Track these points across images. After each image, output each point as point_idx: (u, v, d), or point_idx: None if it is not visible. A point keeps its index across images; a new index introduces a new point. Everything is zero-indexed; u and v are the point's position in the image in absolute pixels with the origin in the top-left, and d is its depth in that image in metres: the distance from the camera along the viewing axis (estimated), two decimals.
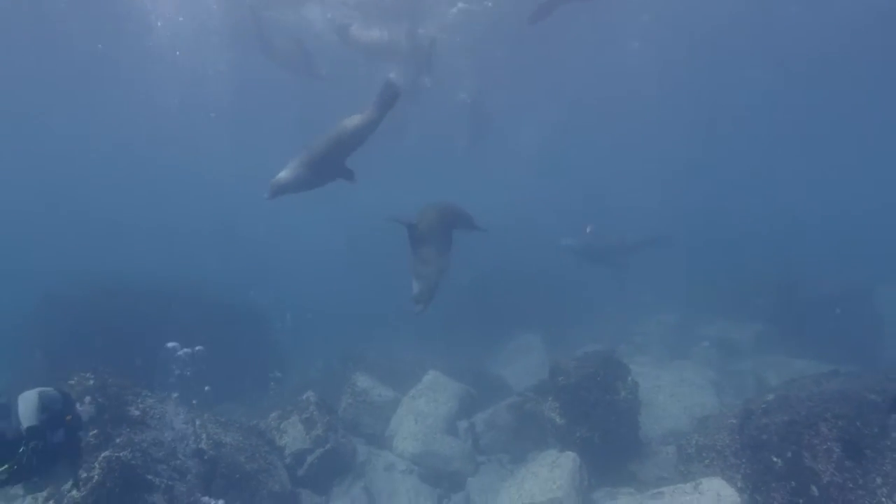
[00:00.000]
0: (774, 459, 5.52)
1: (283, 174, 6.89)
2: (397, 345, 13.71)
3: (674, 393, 10.04)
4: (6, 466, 3.43)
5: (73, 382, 6.45)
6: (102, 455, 5.40)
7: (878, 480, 5.05)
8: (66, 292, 10.53)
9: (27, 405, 3.67)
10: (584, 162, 30.07)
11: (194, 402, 7.40)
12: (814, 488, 5.14)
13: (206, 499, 5.54)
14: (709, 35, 17.15)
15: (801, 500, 5.23)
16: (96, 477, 5.20)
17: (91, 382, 6.22)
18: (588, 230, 14.46)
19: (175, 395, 6.96)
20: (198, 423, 7.11)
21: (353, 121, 6.94)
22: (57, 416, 3.77)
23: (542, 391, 8.92)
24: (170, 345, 8.32)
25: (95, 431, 5.61)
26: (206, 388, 8.50)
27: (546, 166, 28.77)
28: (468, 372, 11.59)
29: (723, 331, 13.67)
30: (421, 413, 9.50)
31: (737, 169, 31.72)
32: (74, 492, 5.12)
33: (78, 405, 4.42)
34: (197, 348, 7.39)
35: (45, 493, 5.19)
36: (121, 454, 5.43)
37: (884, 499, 4.94)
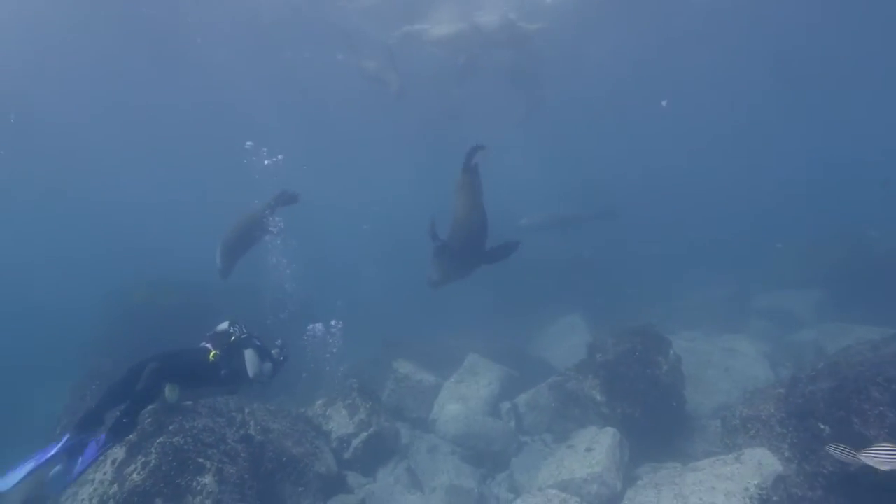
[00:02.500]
0: (822, 427, 5.25)
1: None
2: (439, 331, 13.84)
3: (725, 367, 9.69)
4: None
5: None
6: (157, 441, 5.83)
7: None
8: (126, 291, 11.36)
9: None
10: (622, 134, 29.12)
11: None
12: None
13: None
14: None
15: (852, 468, 4.94)
16: (153, 461, 5.63)
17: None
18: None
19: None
20: (247, 411, 7.50)
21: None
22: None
23: (582, 369, 8.81)
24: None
25: (150, 420, 6.04)
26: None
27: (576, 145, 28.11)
28: (510, 354, 11.60)
29: (778, 301, 13.02)
30: (463, 396, 9.62)
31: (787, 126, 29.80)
32: (135, 475, 5.56)
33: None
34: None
35: (110, 477, 5.65)
36: (174, 440, 5.83)
37: None
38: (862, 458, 4.26)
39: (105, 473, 5.73)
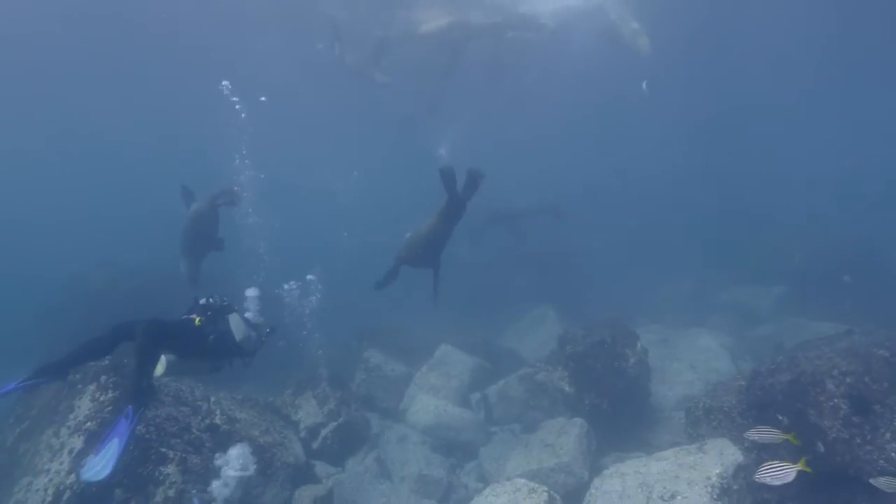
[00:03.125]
0: (780, 418, 5.44)
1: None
2: (410, 323, 13.81)
3: (688, 360, 9.94)
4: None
5: (91, 363, 6.74)
6: None
7: (888, 436, 4.93)
8: (85, 277, 10.96)
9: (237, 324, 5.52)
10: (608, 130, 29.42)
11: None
12: (819, 444, 5.06)
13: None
14: None
15: (806, 457, 5.14)
16: None
17: (106, 363, 6.47)
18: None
19: None
20: (212, 399, 7.34)
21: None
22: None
23: (552, 361, 8.93)
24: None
25: (110, 408, 5.85)
26: None
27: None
28: (481, 346, 11.64)
29: (741, 296, 13.44)
30: (433, 386, 9.63)
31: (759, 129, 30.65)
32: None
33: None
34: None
35: (66, 467, 5.44)
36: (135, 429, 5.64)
37: (893, 453, 4.83)
38: (756, 477, 4.51)
39: (62, 463, 5.53)
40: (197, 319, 5.33)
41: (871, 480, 4.57)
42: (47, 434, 6.12)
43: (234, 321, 5.51)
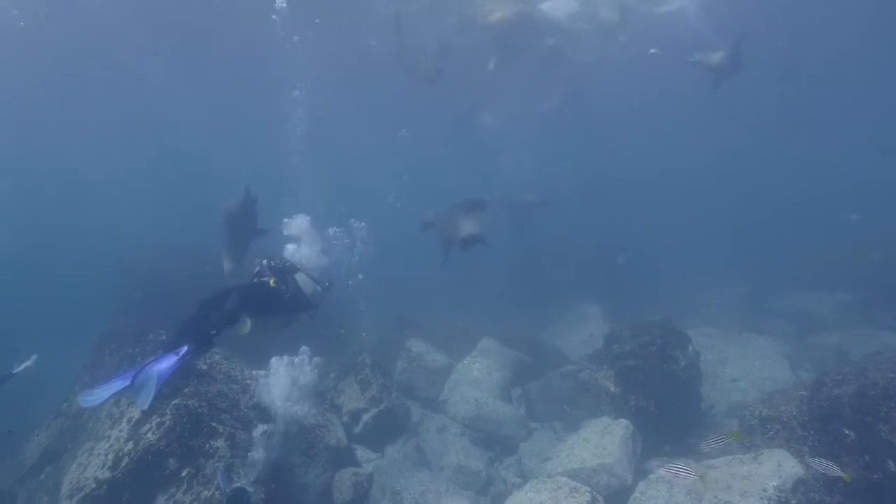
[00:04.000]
0: (846, 432, 5.11)
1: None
2: (454, 314, 13.80)
3: (742, 366, 9.51)
4: None
5: (150, 337, 7.07)
6: (172, 403, 5.88)
7: None
8: (137, 258, 11.50)
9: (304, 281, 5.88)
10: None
11: None
12: (891, 463, 4.71)
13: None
14: None
15: (876, 476, 4.82)
16: (167, 422, 5.68)
17: (163, 338, 6.75)
18: None
19: None
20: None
21: None
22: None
23: (597, 360, 8.71)
24: None
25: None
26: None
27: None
28: (523, 341, 11.51)
29: (800, 302, 12.71)
30: (475, 379, 9.59)
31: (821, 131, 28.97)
32: (150, 434, 5.63)
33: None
34: None
35: (125, 434, 5.72)
36: (188, 402, 5.88)
37: None
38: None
39: (121, 430, 5.82)
40: (271, 281, 5.65)
41: None
42: (108, 403, 6.43)
43: (301, 279, 5.93)
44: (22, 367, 6.46)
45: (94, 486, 5.39)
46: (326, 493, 6.82)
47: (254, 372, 6.54)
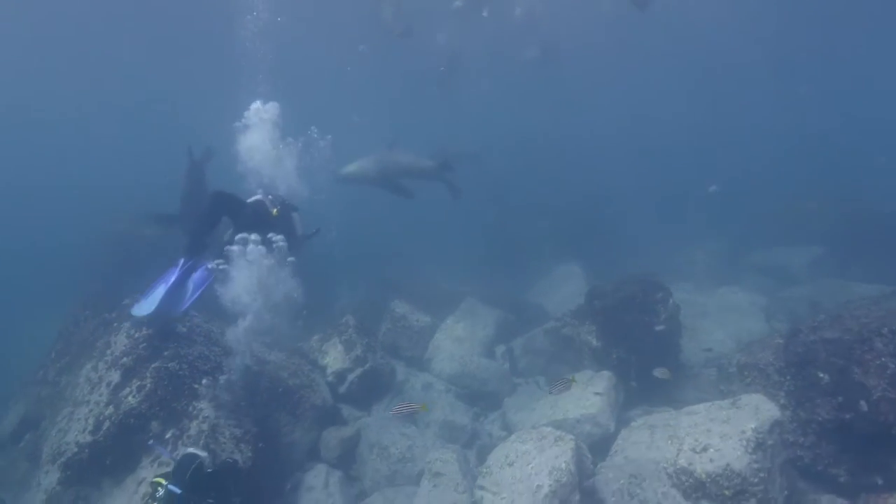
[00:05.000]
0: (821, 375, 5.26)
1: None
2: (437, 275, 13.79)
3: (719, 318, 9.74)
4: None
5: (126, 302, 6.88)
6: (153, 366, 5.77)
7: None
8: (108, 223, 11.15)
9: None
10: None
11: None
12: (863, 403, 4.88)
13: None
14: None
15: (847, 415, 5.00)
16: (148, 385, 5.59)
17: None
18: None
19: None
20: (242, 341, 7.45)
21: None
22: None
23: (579, 315, 8.81)
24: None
25: (144, 345, 5.97)
26: None
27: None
28: (507, 300, 11.57)
29: (775, 257, 12.97)
30: (458, 337, 9.65)
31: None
32: (130, 398, 5.53)
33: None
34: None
35: (105, 398, 5.62)
36: (168, 365, 5.78)
37: None
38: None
39: (101, 395, 5.71)
40: (275, 210, 5.90)
41: None
42: (86, 368, 6.31)
43: (297, 219, 6.19)
44: None
45: (75, 449, 5.32)
46: (314, 450, 6.87)
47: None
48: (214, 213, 5.80)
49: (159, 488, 3.93)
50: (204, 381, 5.73)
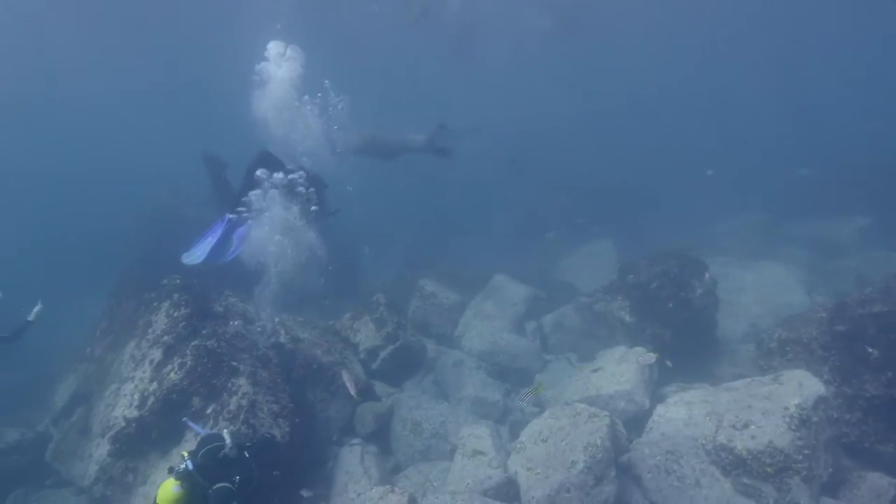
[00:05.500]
0: (869, 350, 5.06)
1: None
2: (465, 252, 13.76)
3: (758, 292, 9.46)
4: None
5: (164, 282, 7.07)
6: (192, 344, 5.93)
7: None
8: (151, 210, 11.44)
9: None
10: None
11: None
12: None
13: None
14: None
15: None
16: (189, 362, 5.75)
17: (178, 281, 6.75)
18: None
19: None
20: (277, 320, 7.60)
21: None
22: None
23: (611, 291, 8.69)
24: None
25: (184, 324, 6.13)
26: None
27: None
28: (536, 276, 11.50)
29: (817, 229, 12.47)
30: (488, 314, 9.63)
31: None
32: (172, 374, 5.71)
33: None
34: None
35: (149, 375, 5.82)
36: (207, 343, 5.93)
37: None
38: None
39: (144, 372, 5.91)
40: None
41: None
42: (130, 346, 6.54)
43: (328, 195, 6.60)
44: (33, 314, 6.49)
45: (123, 424, 5.54)
46: (348, 426, 7.00)
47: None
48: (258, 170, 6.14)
49: (185, 461, 4.04)
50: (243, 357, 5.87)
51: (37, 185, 27.10)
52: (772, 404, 4.90)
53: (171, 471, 4.04)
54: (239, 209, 6.13)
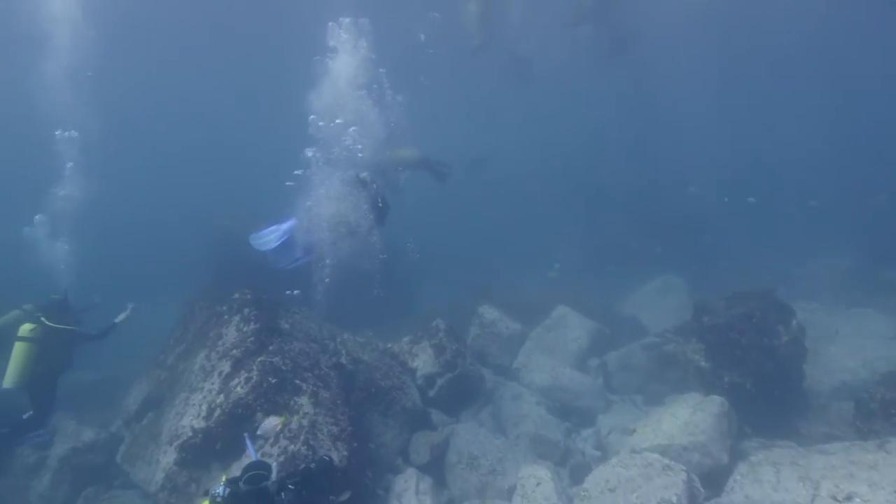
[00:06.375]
0: None
1: None
2: (525, 280, 13.50)
3: (851, 343, 8.63)
4: None
5: (236, 296, 7.30)
6: (258, 360, 6.04)
7: None
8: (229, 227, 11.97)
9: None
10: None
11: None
12: None
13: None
14: None
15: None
16: (255, 377, 5.85)
17: (248, 296, 6.95)
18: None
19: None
20: (338, 339, 7.66)
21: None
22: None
23: (684, 332, 8.18)
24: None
25: (252, 339, 6.27)
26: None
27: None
28: (599, 310, 11.07)
29: None
30: (550, 347, 9.33)
31: None
32: (239, 388, 5.82)
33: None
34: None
35: (217, 387, 5.96)
36: (273, 360, 6.02)
37: None
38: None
39: (213, 383, 6.06)
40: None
41: None
42: (200, 356, 6.75)
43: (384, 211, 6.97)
44: (122, 316, 6.89)
45: (190, 433, 5.67)
46: (403, 453, 6.87)
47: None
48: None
49: (222, 486, 3.95)
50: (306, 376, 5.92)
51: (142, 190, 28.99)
52: (879, 476, 4.34)
53: (206, 493, 4.02)
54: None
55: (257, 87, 25.91)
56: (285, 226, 6.61)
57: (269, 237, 6.48)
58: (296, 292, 7.94)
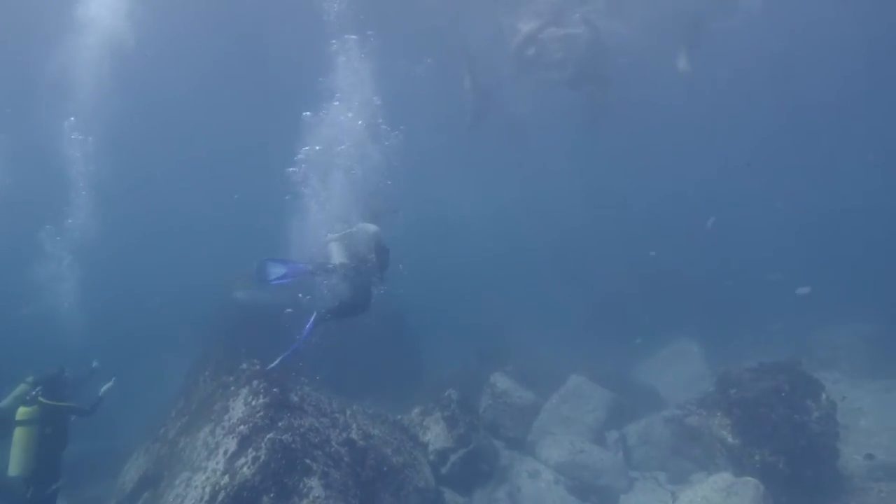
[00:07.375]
0: None
1: None
2: (537, 345, 13.19)
3: (882, 418, 8.28)
4: None
5: (244, 367, 7.07)
6: (267, 437, 5.73)
7: None
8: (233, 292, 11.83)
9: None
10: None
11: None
12: None
13: None
14: None
15: None
16: (262, 456, 5.52)
17: (257, 368, 6.72)
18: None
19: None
20: (348, 413, 7.35)
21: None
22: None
23: (708, 405, 7.85)
24: None
25: (261, 414, 5.99)
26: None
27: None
28: (614, 378, 10.72)
29: None
30: (566, 419, 8.97)
31: None
32: (245, 468, 5.49)
33: None
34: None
35: (222, 467, 5.63)
36: (283, 437, 5.71)
37: None
38: None
39: (217, 463, 5.73)
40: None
41: None
42: (204, 432, 6.44)
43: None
44: (106, 387, 6.65)
45: None
46: None
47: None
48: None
49: None
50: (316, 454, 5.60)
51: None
52: None
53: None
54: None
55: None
56: (299, 268, 6.35)
57: (274, 270, 6.27)
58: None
